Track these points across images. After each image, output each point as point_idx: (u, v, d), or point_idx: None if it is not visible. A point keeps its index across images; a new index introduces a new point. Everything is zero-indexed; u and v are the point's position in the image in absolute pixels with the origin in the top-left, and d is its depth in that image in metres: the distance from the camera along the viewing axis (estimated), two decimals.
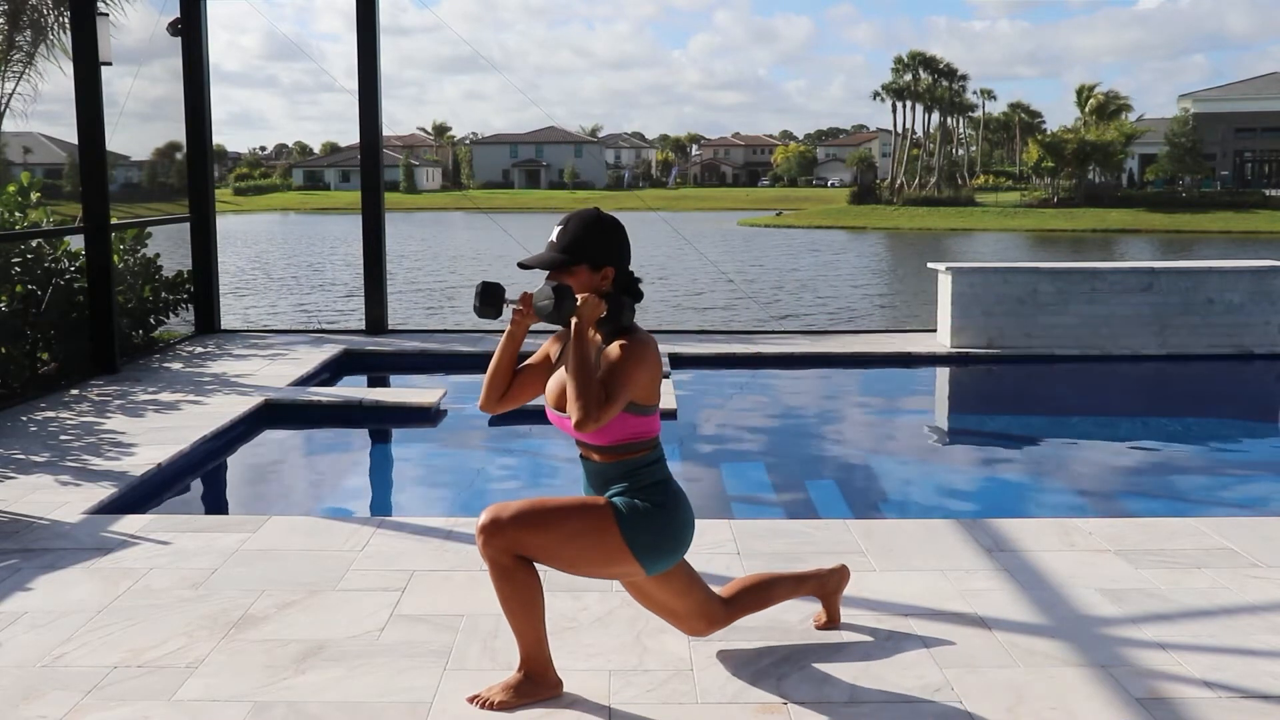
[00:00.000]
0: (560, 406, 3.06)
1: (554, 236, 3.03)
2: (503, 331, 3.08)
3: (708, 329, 13.57)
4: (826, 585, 3.58)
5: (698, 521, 4.59)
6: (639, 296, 3.07)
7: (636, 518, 3.01)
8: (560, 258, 2.99)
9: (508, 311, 3.03)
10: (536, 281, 2.97)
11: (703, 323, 17.77)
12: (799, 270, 30.89)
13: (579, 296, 2.93)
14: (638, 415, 3.02)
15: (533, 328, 3.12)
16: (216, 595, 3.90)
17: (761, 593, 3.46)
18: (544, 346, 3.21)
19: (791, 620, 3.67)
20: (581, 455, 3.12)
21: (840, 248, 41.90)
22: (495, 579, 3.01)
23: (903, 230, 55.01)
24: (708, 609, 3.32)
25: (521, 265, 3.03)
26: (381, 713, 3.05)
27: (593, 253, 3.00)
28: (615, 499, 3.05)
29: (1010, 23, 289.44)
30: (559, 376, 3.09)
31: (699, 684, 3.22)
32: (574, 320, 2.92)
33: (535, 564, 3.04)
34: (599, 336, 3.04)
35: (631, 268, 3.11)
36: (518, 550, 2.97)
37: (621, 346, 2.96)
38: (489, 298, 2.98)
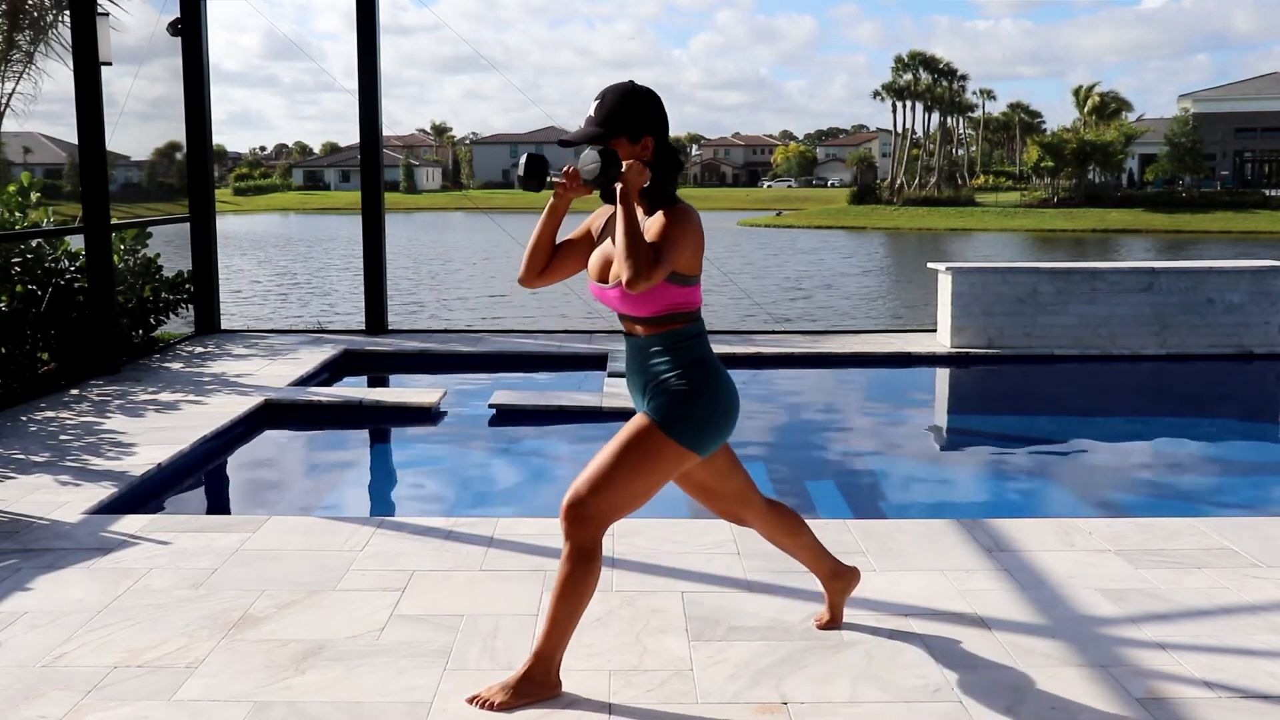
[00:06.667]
0: (603, 279, 3.08)
1: (591, 112, 3.03)
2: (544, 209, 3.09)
3: (708, 329, 13.54)
4: (837, 577, 3.58)
5: (698, 521, 4.60)
6: (680, 166, 3.09)
7: (678, 416, 3.03)
8: (599, 131, 2.99)
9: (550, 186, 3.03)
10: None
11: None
12: (798, 270, 30.87)
13: (624, 162, 2.94)
14: (680, 285, 3.04)
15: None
16: (216, 595, 3.90)
17: (793, 528, 3.48)
18: (584, 223, 3.22)
19: (791, 620, 3.67)
20: (625, 331, 3.16)
21: (840, 248, 41.87)
22: (569, 563, 3.01)
23: (903, 230, 54.97)
24: (747, 495, 3.36)
25: (562, 143, 3.04)
26: (381, 713, 3.05)
27: (631, 123, 3.00)
28: (652, 407, 3.06)
29: (1014, 22, 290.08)
30: (602, 250, 3.11)
31: (699, 684, 3.22)
32: (619, 186, 2.93)
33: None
34: (642, 207, 3.05)
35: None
36: (606, 518, 3.01)
37: (666, 214, 2.98)
38: (533, 169, 2.98)
